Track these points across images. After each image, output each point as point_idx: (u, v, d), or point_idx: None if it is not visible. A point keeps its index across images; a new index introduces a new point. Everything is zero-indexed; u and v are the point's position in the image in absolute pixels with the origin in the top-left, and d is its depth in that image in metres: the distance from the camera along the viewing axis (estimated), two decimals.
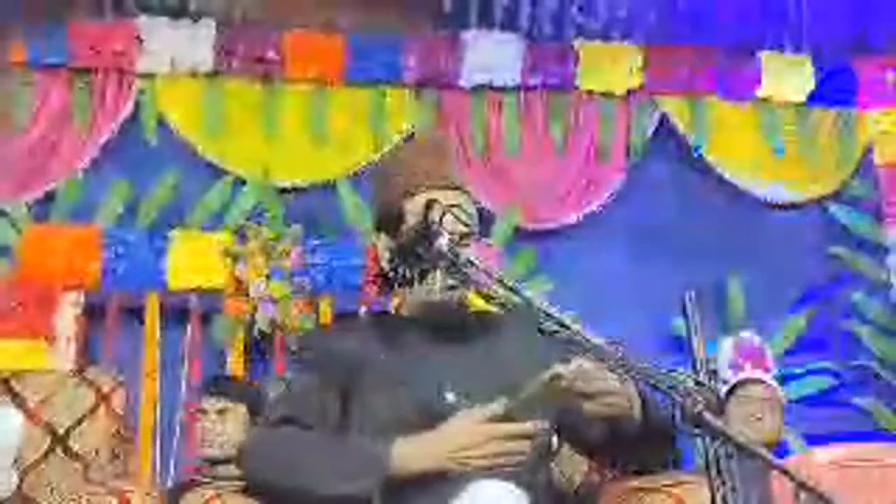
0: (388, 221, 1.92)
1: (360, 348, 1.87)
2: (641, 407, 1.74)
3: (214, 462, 3.12)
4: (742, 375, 3.74)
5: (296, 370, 1.95)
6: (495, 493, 1.59)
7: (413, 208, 1.88)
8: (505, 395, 1.75)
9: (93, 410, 2.11)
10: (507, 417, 1.66)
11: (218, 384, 3.28)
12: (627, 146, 5.05)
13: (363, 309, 4.46)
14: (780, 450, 4.35)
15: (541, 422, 1.68)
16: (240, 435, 3.12)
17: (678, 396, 1.36)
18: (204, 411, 3.16)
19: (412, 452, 1.68)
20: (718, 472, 1.35)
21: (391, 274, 1.76)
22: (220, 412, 3.12)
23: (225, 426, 3.11)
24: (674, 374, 1.39)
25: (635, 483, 1.80)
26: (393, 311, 2.03)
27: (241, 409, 3.15)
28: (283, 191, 4.77)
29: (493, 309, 1.63)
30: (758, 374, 3.67)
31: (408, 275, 1.74)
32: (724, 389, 3.47)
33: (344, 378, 1.85)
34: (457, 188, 1.93)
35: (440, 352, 1.85)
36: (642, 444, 1.76)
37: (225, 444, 3.10)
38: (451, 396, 1.79)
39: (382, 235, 1.94)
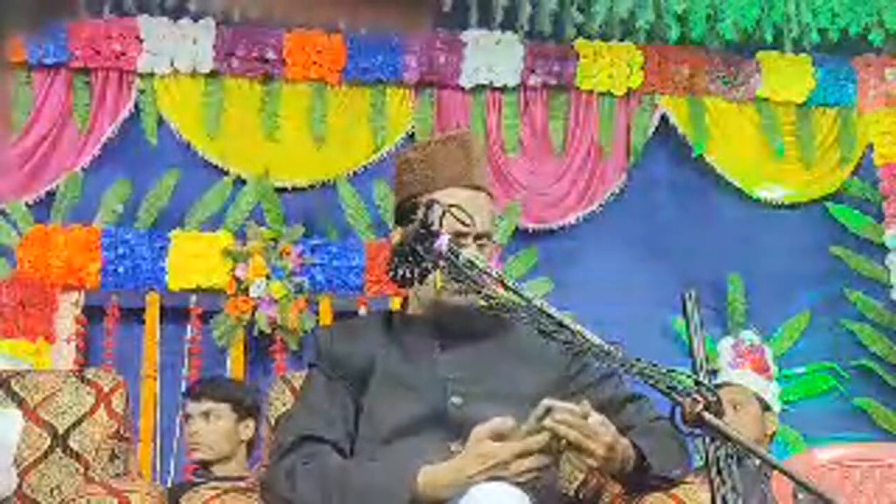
0: (405, 215, 1.87)
1: (368, 351, 1.86)
2: (638, 462, 1.69)
3: (207, 464, 3.13)
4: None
5: (307, 377, 1.94)
6: (498, 495, 1.58)
7: (433, 210, 1.80)
8: (514, 397, 1.75)
9: (93, 410, 2.10)
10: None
11: (199, 387, 3.29)
12: (627, 146, 5.05)
13: (363, 309, 4.47)
14: (780, 450, 4.36)
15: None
16: (227, 433, 3.13)
17: (678, 396, 1.36)
18: (189, 416, 3.17)
19: (437, 485, 1.64)
20: (718, 472, 1.35)
21: (391, 274, 1.76)
22: (205, 414, 3.13)
23: (212, 427, 3.12)
24: (674, 374, 1.39)
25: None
26: (398, 308, 2.02)
27: (225, 408, 3.15)
28: (283, 191, 4.77)
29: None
30: (730, 376, 3.65)
31: (408, 275, 1.73)
32: None
33: (355, 383, 1.84)
34: (477, 188, 1.90)
35: (449, 352, 1.84)
36: (639, 485, 1.74)
37: (214, 446, 3.11)
38: (457, 399, 1.78)
39: (399, 228, 1.89)
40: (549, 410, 1.59)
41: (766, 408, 3.29)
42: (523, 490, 1.60)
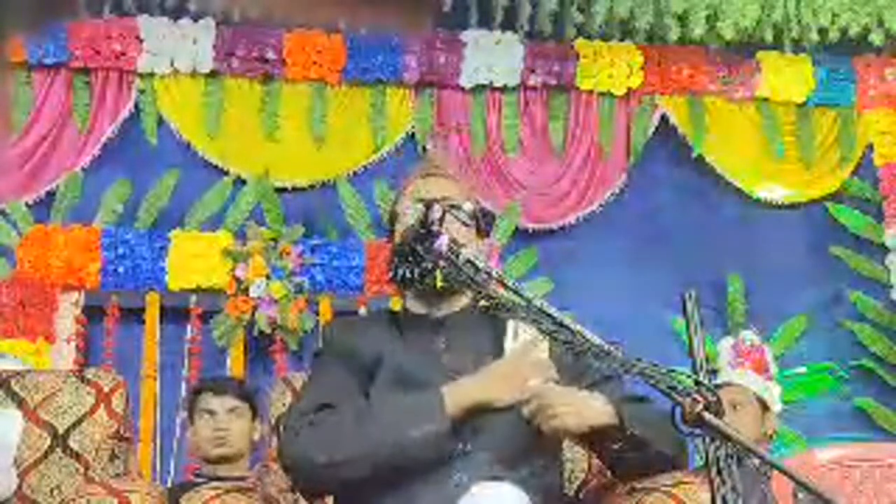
0: (390, 226, 1.97)
1: (375, 345, 1.87)
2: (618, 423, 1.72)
3: (218, 462, 3.11)
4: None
5: (312, 366, 1.95)
6: (498, 495, 1.59)
7: (400, 206, 1.93)
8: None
9: (93, 410, 2.10)
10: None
11: (222, 383, 3.27)
12: (627, 146, 5.05)
13: (363, 309, 4.47)
14: (780, 450, 4.36)
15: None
16: (247, 432, 3.13)
17: (678, 396, 1.36)
18: (212, 412, 3.14)
19: (462, 391, 1.72)
20: (718, 472, 1.35)
21: (391, 275, 1.76)
22: (230, 410, 3.12)
23: (236, 423, 3.11)
24: (674, 374, 1.39)
25: (635, 484, 1.80)
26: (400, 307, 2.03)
27: (245, 407, 3.15)
28: (283, 191, 4.77)
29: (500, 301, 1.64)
30: (730, 375, 3.65)
31: (408, 275, 1.74)
32: None
33: (361, 374, 1.85)
34: (439, 175, 1.96)
35: (453, 349, 1.85)
36: (628, 456, 1.76)
37: (236, 443, 3.11)
38: None
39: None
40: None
41: (766, 408, 3.29)
42: (524, 490, 1.60)
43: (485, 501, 1.58)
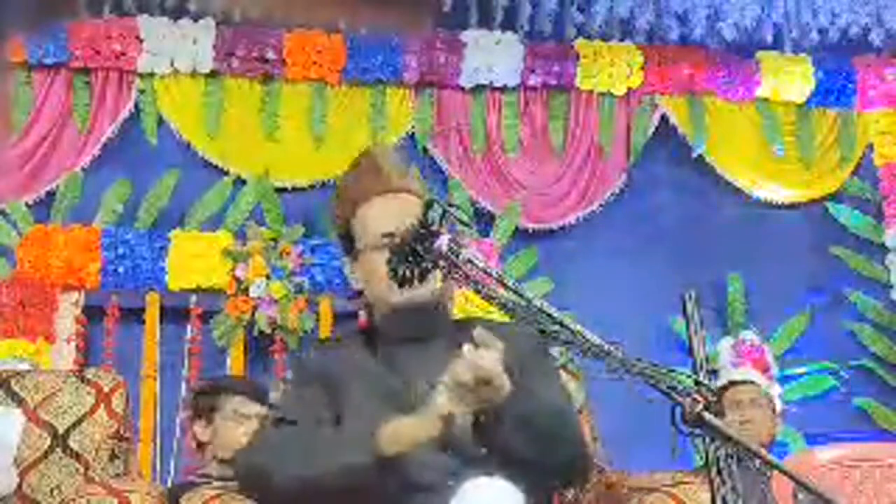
0: (344, 244, 1.97)
1: (349, 365, 1.88)
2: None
3: (232, 462, 3.10)
4: (730, 377, 3.68)
5: (285, 389, 1.98)
6: (492, 491, 1.58)
7: (357, 223, 1.93)
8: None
9: (93, 410, 2.11)
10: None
11: (256, 388, 3.24)
12: (627, 146, 5.05)
13: (362, 311, 4.46)
14: (780, 450, 4.36)
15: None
16: None
17: (678, 396, 1.36)
18: (246, 416, 3.10)
19: (396, 431, 1.69)
20: (718, 472, 1.35)
21: (390, 274, 1.76)
22: (261, 417, 3.11)
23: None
24: (674, 374, 1.39)
25: (634, 483, 1.80)
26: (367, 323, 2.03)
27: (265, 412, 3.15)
28: (283, 191, 4.77)
29: (475, 315, 1.64)
30: (746, 373, 3.65)
31: (408, 275, 1.74)
32: None
33: (332, 393, 1.85)
34: (394, 191, 1.94)
35: (425, 365, 1.84)
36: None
37: None
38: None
39: (347, 259, 1.99)
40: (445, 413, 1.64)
41: (774, 409, 3.30)
42: (523, 491, 1.60)
43: (479, 497, 1.57)
